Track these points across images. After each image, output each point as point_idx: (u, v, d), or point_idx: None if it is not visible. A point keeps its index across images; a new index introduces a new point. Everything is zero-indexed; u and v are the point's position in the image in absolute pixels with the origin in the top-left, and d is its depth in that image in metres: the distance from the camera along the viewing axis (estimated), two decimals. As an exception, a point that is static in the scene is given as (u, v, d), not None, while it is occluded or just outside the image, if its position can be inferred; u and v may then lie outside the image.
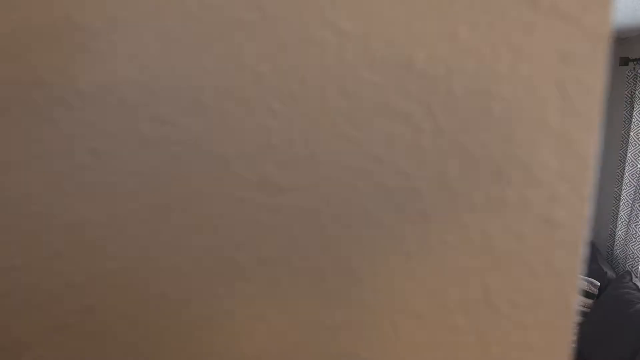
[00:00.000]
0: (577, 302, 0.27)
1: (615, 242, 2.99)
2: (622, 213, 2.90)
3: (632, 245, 2.81)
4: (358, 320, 0.29)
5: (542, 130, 0.26)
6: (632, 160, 2.80)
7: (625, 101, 2.88)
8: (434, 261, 0.28)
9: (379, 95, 0.27)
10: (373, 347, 0.29)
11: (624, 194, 2.87)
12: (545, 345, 0.28)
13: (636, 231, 2.78)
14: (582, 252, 0.27)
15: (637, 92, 2.78)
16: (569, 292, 0.27)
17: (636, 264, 2.80)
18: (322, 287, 0.29)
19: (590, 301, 2.69)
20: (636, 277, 2.80)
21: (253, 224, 0.29)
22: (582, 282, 2.70)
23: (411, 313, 0.28)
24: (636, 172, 2.80)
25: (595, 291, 2.68)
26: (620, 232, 2.93)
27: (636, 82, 2.81)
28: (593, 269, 2.84)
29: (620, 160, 2.95)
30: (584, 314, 2.70)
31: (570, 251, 0.27)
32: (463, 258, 0.28)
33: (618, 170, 2.97)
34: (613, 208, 3.04)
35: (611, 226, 3.06)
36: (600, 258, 2.94)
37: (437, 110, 0.26)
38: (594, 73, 0.25)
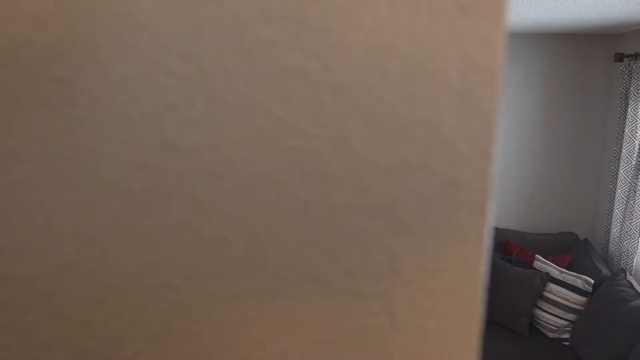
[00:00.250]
0: (486, 267, 0.26)
1: (610, 240, 2.97)
2: (616, 210, 2.88)
3: (626, 243, 2.79)
4: (262, 288, 0.28)
5: (443, 87, 0.25)
6: (626, 157, 2.79)
7: (620, 97, 2.86)
8: (338, 226, 0.27)
9: (276, 52, 0.26)
10: (276, 314, 0.28)
11: (619, 191, 2.85)
12: (453, 312, 0.27)
13: (631, 228, 2.76)
14: (488, 214, 0.26)
15: (631, 89, 2.76)
16: (476, 257, 0.26)
17: (631, 261, 2.78)
18: (226, 255, 0.28)
19: (584, 299, 2.67)
20: (630, 274, 2.78)
21: (157, 190, 0.28)
22: (575, 278, 2.68)
23: (316, 280, 0.27)
24: (631, 169, 2.78)
25: (589, 289, 2.67)
26: (615, 229, 2.92)
27: (631, 78, 2.79)
28: (587, 266, 2.83)
29: (614, 157, 2.94)
30: (577, 312, 2.68)
31: (476, 213, 0.26)
32: (367, 222, 0.27)
33: (613, 167, 2.95)
34: (608, 205, 3.02)
35: (606, 223, 3.04)
36: (595, 256, 2.92)
37: (335, 67, 0.25)
38: (494, 26, 0.24)
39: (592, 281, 2.69)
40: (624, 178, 2.82)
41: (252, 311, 0.28)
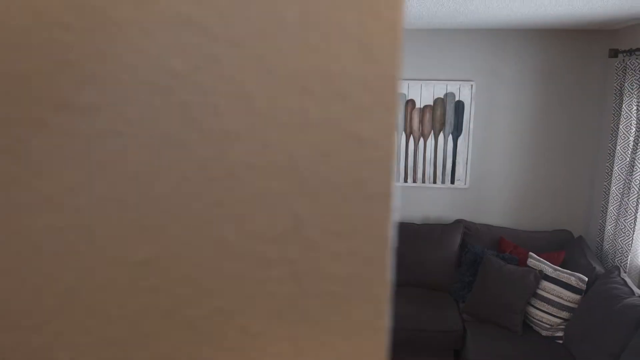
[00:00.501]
0: (393, 228, 0.25)
1: (605, 237, 2.95)
2: (611, 207, 2.86)
3: (621, 240, 2.77)
4: (164, 253, 0.27)
5: (341, 36, 0.24)
6: (621, 154, 2.77)
7: (615, 93, 2.84)
8: (240, 186, 0.26)
9: (171, 3, 0.25)
10: (180, 281, 0.27)
11: (614, 188, 2.83)
12: (360, 276, 0.26)
13: (625, 225, 2.74)
14: (393, 170, 0.25)
15: (626, 84, 2.74)
16: (382, 217, 0.25)
17: (625, 258, 2.76)
18: (127, 218, 0.27)
19: (578, 297, 2.65)
20: (625, 272, 2.76)
21: (56, 150, 0.27)
22: (569, 275, 2.66)
23: (219, 243, 0.26)
24: (625, 166, 2.76)
25: (583, 287, 2.65)
26: (609, 227, 2.90)
27: (625, 74, 2.77)
28: (581, 264, 2.81)
29: (609, 154, 2.92)
30: (571, 310, 2.66)
31: (380, 170, 0.25)
32: (269, 182, 0.25)
33: (607, 164, 2.93)
34: (602, 202, 3.00)
35: (600, 221, 3.02)
36: (590, 253, 2.90)
37: (230, 17, 0.24)
38: (394, -29, 0.23)
39: (586, 279, 2.67)
40: (619, 175, 2.80)
41: (155, 277, 0.27)
